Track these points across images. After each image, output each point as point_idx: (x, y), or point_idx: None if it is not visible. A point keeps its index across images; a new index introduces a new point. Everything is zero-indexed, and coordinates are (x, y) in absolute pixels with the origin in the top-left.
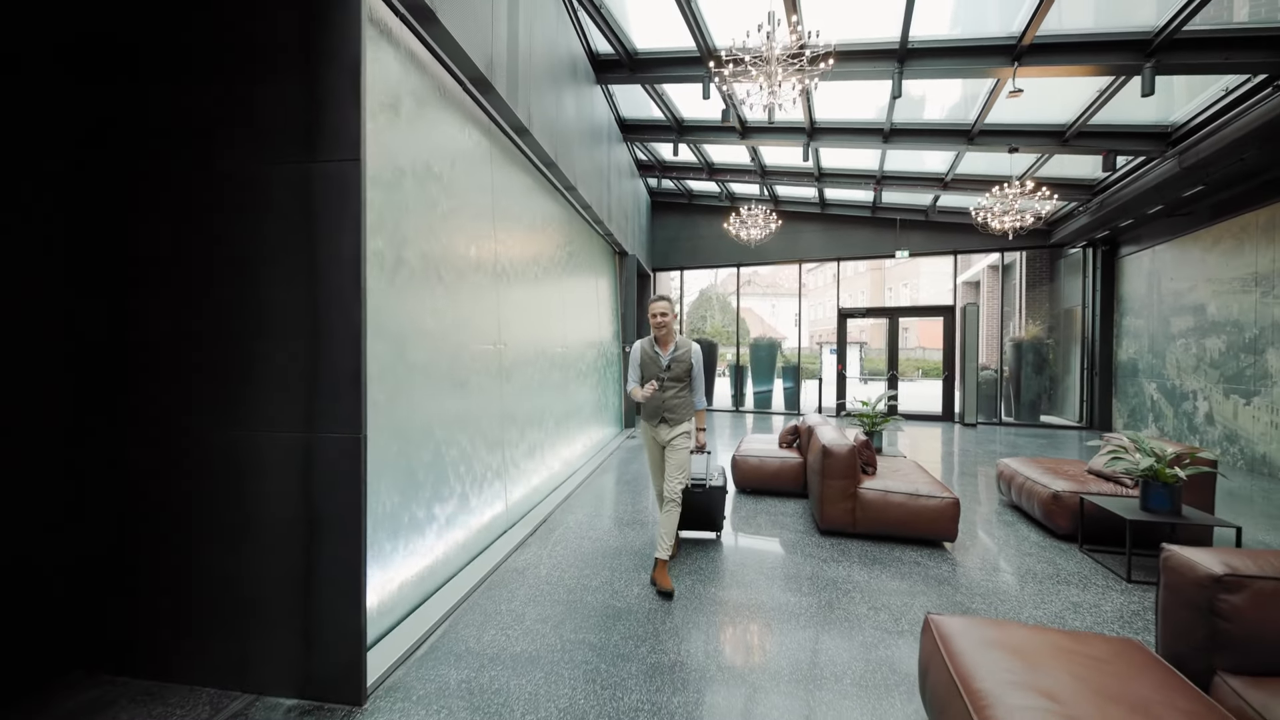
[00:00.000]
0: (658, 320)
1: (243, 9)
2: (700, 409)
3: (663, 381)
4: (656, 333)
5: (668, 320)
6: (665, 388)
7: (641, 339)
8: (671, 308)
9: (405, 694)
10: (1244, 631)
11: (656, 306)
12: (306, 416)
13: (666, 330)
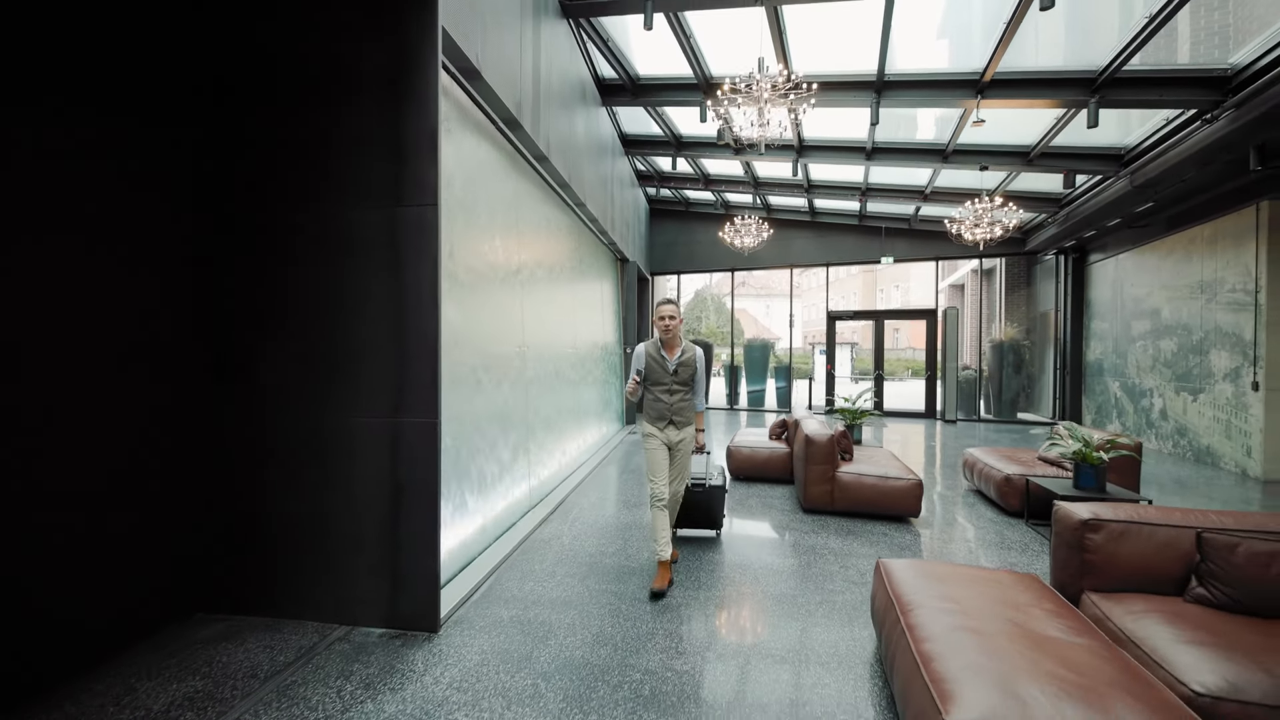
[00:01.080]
0: (665, 323)
1: (354, 103)
2: (700, 411)
3: (669, 386)
4: (663, 336)
5: (675, 324)
6: (672, 391)
7: (645, 342)
8: (679, 311)
9: (469, 625)
10: (1101, 560)
11: (664, 309)
12: (395, 405)
13: (673, 334)
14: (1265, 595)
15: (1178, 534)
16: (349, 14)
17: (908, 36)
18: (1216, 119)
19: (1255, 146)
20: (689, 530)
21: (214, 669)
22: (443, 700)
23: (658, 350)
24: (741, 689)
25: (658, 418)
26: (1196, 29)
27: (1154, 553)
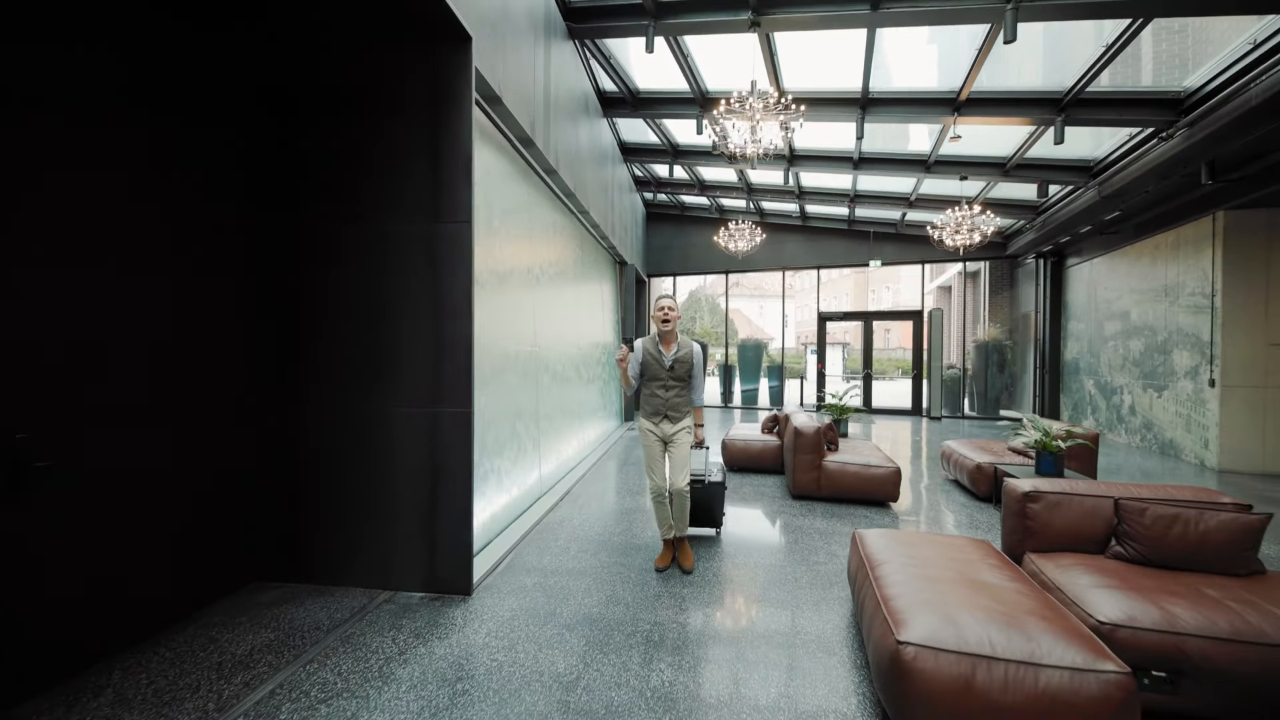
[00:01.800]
0: (663, 315)
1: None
2: (698, 406)
3: (665, 381)
4: (661, 328)
5: (674, 317)
6: (668, 386)
7: (643, 338)
8: (677, 305)
9: (497, 589)
10: (1039, 526)
11: (663, 302)
12: (433, 396)
13: (671, 328)
14: (1167, 550)
15: (1100, 503)
16: (396, 59)
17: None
18: (1172, 137)
19: (1206, 163)
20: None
21: (281, 624)
22: (483, 645)
23: (655, 346)
24: (738, 636)
25: (653, 413)
26: (1159, 53)
27: (1082, 519)
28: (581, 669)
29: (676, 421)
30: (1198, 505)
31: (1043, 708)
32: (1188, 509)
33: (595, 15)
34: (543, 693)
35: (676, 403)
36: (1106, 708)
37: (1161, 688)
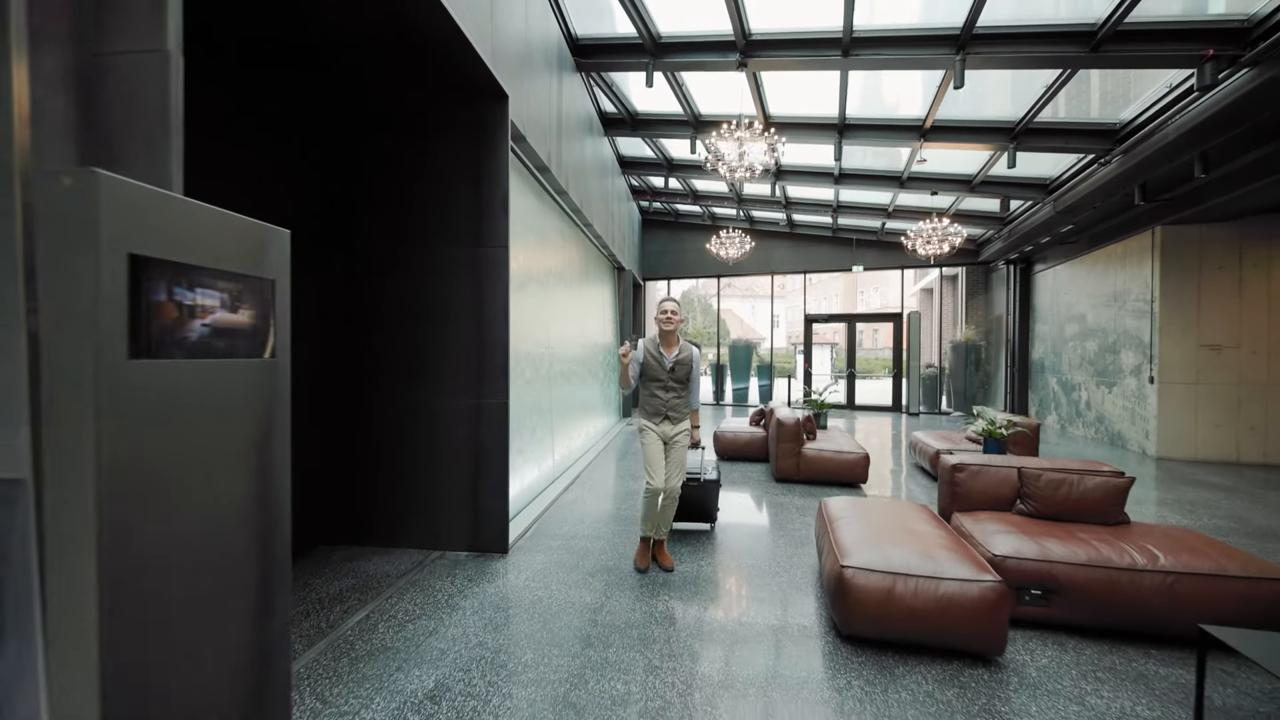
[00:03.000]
0: (666, 317)
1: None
2: (695, 409)
3: (665, 383)
4: (664, 327)
5: (676, 320)
6: (668, 388)
7: (643, 339)
8: (680, 308)
9: (528, 549)
10: (964, 491)
11: (667, 305)
12: (477, 390)
13: (673, 330)
14: (1055, 506)
15: (1009, 472)
16: (450, 116)
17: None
18: (1109, 162)
19: (1139, 185)
20: (683, 524)
21: (357, 574)
22: (524, 586)
23: (656, 348)
24: (725, 580)
25: (654, 413)
26: (1105, 88)
27: (995, 485)
28: (604, 600)
29: (676, 423)
30: (1080, 472)
31: (942, 607)
32: (1072, 474)
33: (600, 52)
34: (575, 614)
35: (676, 404)
36: (984, 605)
37: (1038, 602)
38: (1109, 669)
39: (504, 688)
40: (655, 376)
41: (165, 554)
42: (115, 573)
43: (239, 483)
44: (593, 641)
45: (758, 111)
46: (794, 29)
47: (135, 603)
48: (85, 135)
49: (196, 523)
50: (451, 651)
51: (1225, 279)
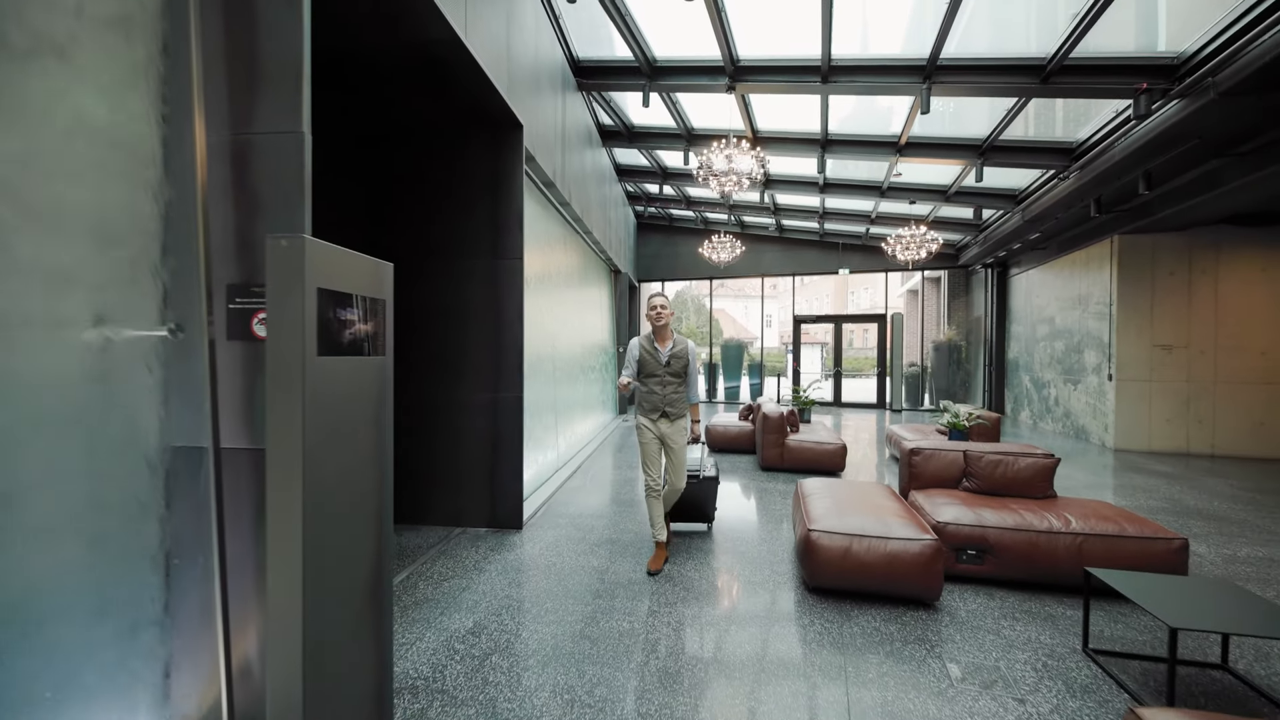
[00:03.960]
0: (656, 313)
1: (472, 198)
2: (694, 403)
3: (662, 378)
4: (655, 325)
5: (667, 314)
6: (665, 383)
7: (638, 336)
8: (669, 303)
9: (540, 526)
10: (919, 472)
11: (656, 301)
12: (495, 385)
13: (665, 325)
14: (994, 483)
15: (957, 455)
16: (471, 144)
17: (846, 105)
18: (1067, 177)
19: (1094, 199)
20: (679, 524)
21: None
22: (540, 553)
23: (650, 343)
24: (714, 550)
25: (651, 410)
26: (1068, 108)
27: (945, 466)
28: (609, 564)
29: (675, 420)
30: (1015, 454)
31: (889, 562)
32: (1008, 456)
33: (600, 74)
34: (585, 575)
35: (674, 399)
36: (923, 559)
37: (973, 561)
38: (1025, 611)
39: (530, 626)
40: (652, 372)
41: (334, 484)
42: (311, 495)
43: (369, 438)
44: (601, 594)
45: (746, 127)
46: (778, 56)
47: (319, 514)
48: (239, 193)
49: (349, 464)
50: (484, 602)
51: (1176, 284)
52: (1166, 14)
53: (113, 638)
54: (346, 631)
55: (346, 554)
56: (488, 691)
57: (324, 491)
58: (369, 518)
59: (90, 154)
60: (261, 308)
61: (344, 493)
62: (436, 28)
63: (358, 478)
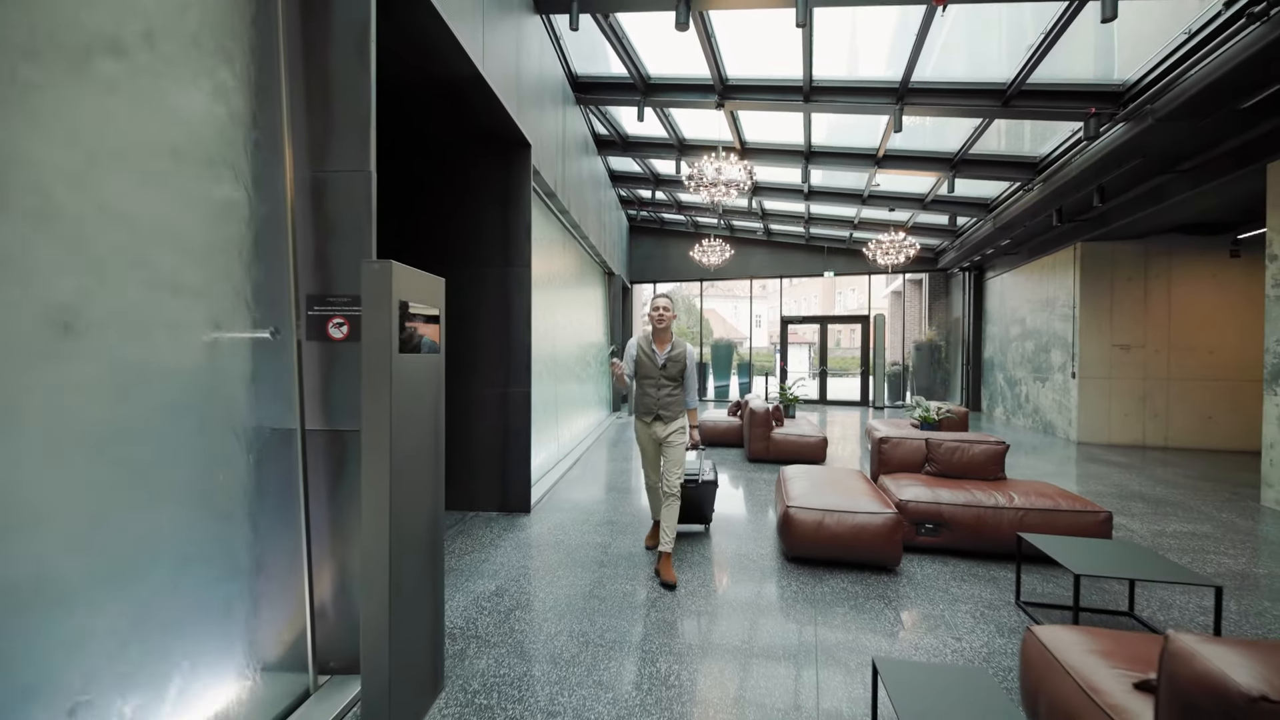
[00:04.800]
0: (659, 314)
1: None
2: (692, 408)
3: (657, 380)
4: (656, 326)
5: (669, 317)
6: (660, 385)
7: (637, 337)
8: (672, 305)
9: (546, 510)
10: (887, 458)
11: (659, 302)
12: (505, 381)
13: (666, 327)
14: (951, 467)
15: (920, 443)
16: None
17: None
18: (1032, 189)
19: (1056, 210)
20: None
21: None
22: (548, 532)
23: (648, 344)
24: (707, 530)
25: (645, 412)
26: (1035, 125)
27: (910, 453)
28: (610, 540)
29: (669, 422)
30: (970, 441)
31: (855, 533)
32: (964, 443)
33: (598, 90)
34: (590, 549)
35: (668, 402)
36: (885, 530)
37: (931, 533)
38: (972, 574)
39: (545, 588)
40: (647, 374)
41: (410, 456)
42: (395, 467)
43: (430, 420)
44: (605, 564)
45: (734, 138)
46: (764, 77)
47: (399, 482)
48: (318, 219)
49: (418, 441)
50: (502, 571)
51: (1133, 289)
52: (1119, 44)
53: (215, 581)
54: (414, 578)
55: (415, 516)
56: (514, 636)
57: (402, 463)
58: (430, 487)
59: (206, 192)
60: (335, 313)
61: (414, 465)
62: (460, 64)
63: (423, 453)
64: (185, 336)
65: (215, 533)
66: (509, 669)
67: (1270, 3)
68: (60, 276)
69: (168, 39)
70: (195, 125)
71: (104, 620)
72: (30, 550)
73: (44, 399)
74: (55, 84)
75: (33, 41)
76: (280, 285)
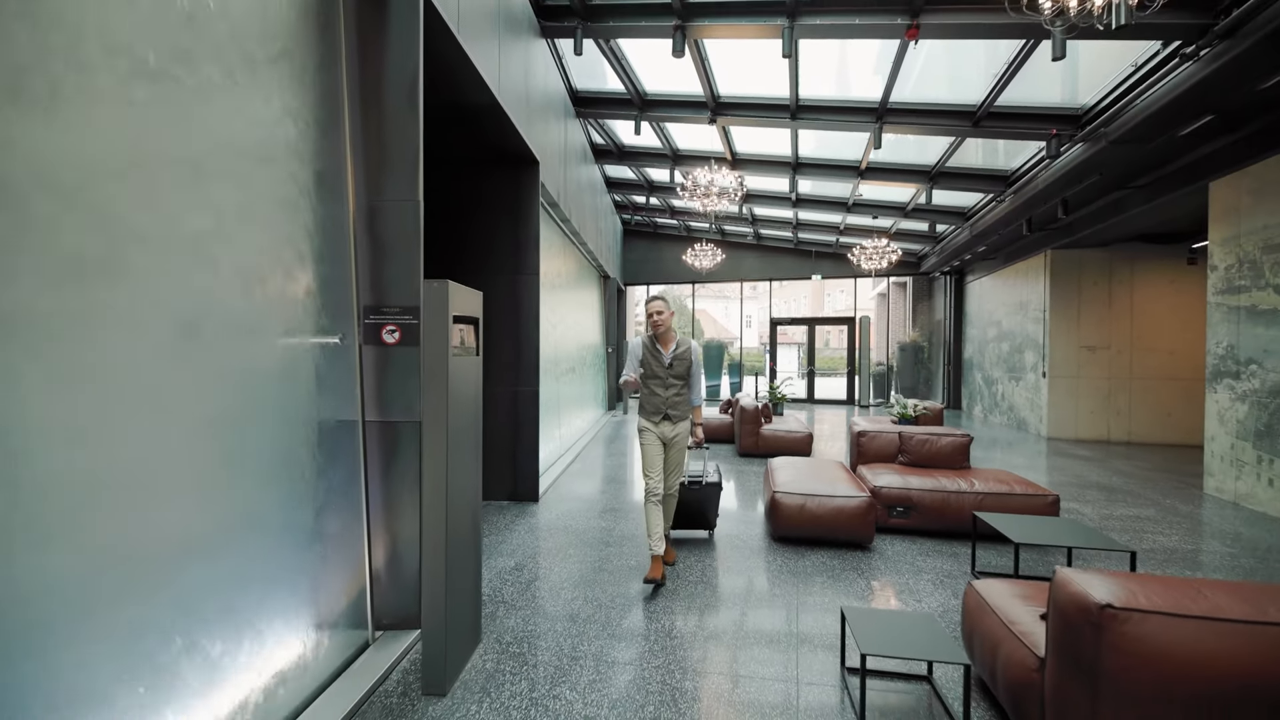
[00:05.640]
0: (654, 320)
1: (498, 223)
2: (697, 405)
3: (664, 379)
4: (654, 331)
5: (664, 319)
6: (668, 385)
7: (640, 336)
8: (668, 306)
9: (552, 499)
10: (865, 450)
11: (652, 307)
12: (515, 380)
13: (665, 329)
14: (921, 457)
15: (894, 436)
16: (497, 177)
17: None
18: (1004, 200)
19: (1025, 220)
20: (679, 531)
21: None
22: (557, 518)
23: (653, 343)
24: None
25: (653, 412)
26: (1007, 143)
27: (886, 445)
28: (613, 525)
29: (677, 422)
30: (938, 434)
31: (834, 514)
32: (932, 436)
33: (596, 104)
34: (596, 531)
35: (676, 401)
36: (859, 511)
37: (901, 516)
38: (935, 550)
39: (559, 564)
40: (654, 374)
41: (459, 441)
42: (450, 444)
43: (472, 410)
44: (610, 544)
45: (726, 150)
46: (754, 95)
47: (453, 464)
48: (373, 242)
49: (466, 428)
50: (519, 550)
51: (1099, 293)
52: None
53: (295, 548)
54: (461, 545)
55: (463, 493)
56: (536, 601)
57: (455, 448)
58: (473, 468)
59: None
60: (388, 321)
61: (462, 449)
62: (480, 94)
63: (469, 438)
64: (274, 341)
65: (294, 508)
66: (534, 625)
67: (1199, 46)
68: (187, 291)
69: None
70: (283, 169)
71: (209, 575)
72: (157, 515)
73: (174, 392)
74: (204, 154)
75: (188, 150)
76: (345, 297)
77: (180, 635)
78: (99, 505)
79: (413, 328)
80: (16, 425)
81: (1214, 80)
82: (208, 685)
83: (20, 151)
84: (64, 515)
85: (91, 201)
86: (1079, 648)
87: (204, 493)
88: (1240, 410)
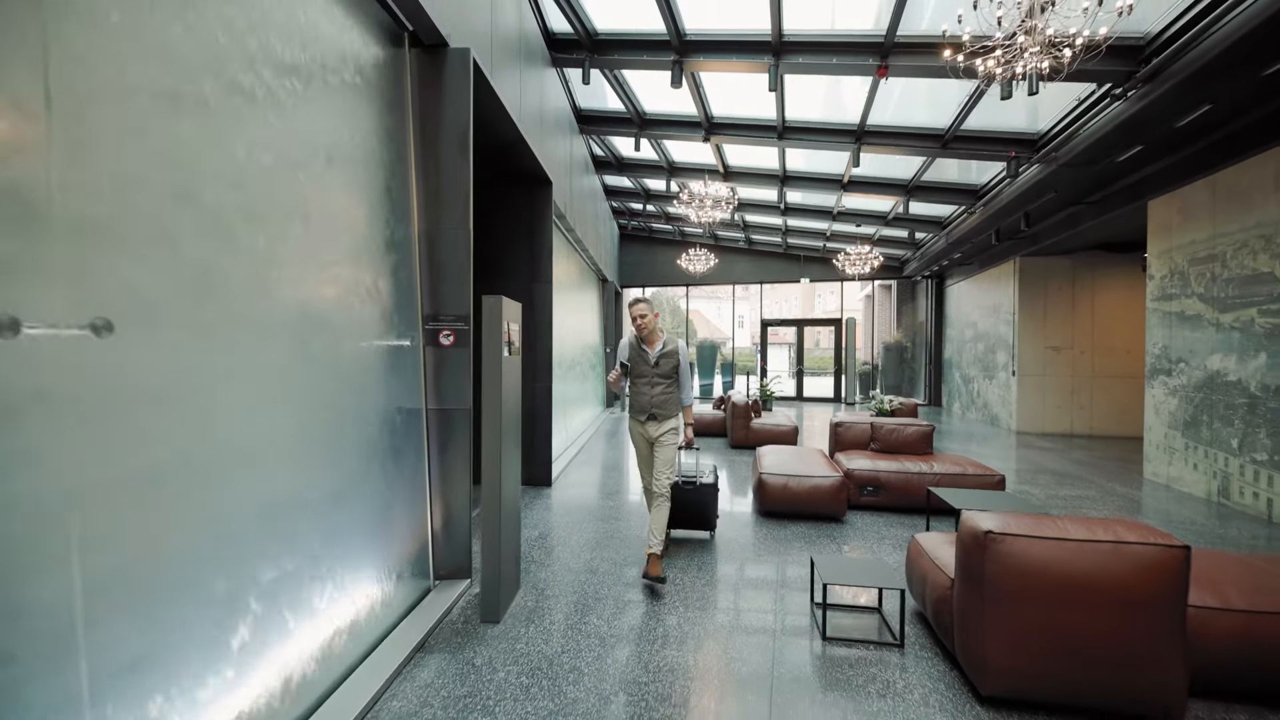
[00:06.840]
0: (638, 323)
1: (515, 236)
2: (687, 405)
3: (650, 378)
4: (639, 332)
5: (648, 321)
6: (654, 383)
7: (628, 337)
8: (651, 308)
9: (562, 484)
10: (844, 438)
11: (635, 309)
12: (532, 377)
13: (649, 330)
14: (890, 444)
15: (866, 426)
16: (514, 195)
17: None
18: (974, 212)
19: (994, 230)
20: (680, 531)
21: None
22: (569, 499)
23: (639, 343)
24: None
25: (639, 411)
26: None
27: (859, 434)
28: (621, 503)
29: (663, 421)
30: (905, 424)
31: (811, 491)
32: (900, 426)
33: (599, 122)
34: (605, 509)
35: (662, 400)
36: (833, 489)
37: (871, 494)
38: (899, 523)
39: (576, 533)
40: (640, 373)
41: (509, 421)
42: (503, 428)
43: (515, 399)
44: (619, 519)
45: (719, 163)
46: (745, 116)
47: (504, 444)
48: (431, 262)
49: (513, 413)
50: (541, 523)
51: (1063, 297)
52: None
53: (373, 511)
54: (509, 508)
55: (510, 469)
56: (562, 559)
57: (507, 432)
58: (516, 445)
59: (377, 244)
60: (444, 327)
61: (509, 431)
62: (508, 130)
63: (514, 422)
64: (365, 344)
65: (373, 480)
66: (562, 577)
67: (1125, 88)
68: (306, 303)
69: (355, 149)
70: (374, 204)
71: (305, 531)
72: (271, 486)
73: (297, 386)
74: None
75: (322, 202)
76: (411, 307)
77: (308, 572)
78: (238, 474)
79: (464, 332)
80: (207, 408)
81: (1140, 117)
82: (330, 604)
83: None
84: (220, 479)
85: (250, 243)
86: (971, 564)
87: (318, 467)
88: (1171, 404)
